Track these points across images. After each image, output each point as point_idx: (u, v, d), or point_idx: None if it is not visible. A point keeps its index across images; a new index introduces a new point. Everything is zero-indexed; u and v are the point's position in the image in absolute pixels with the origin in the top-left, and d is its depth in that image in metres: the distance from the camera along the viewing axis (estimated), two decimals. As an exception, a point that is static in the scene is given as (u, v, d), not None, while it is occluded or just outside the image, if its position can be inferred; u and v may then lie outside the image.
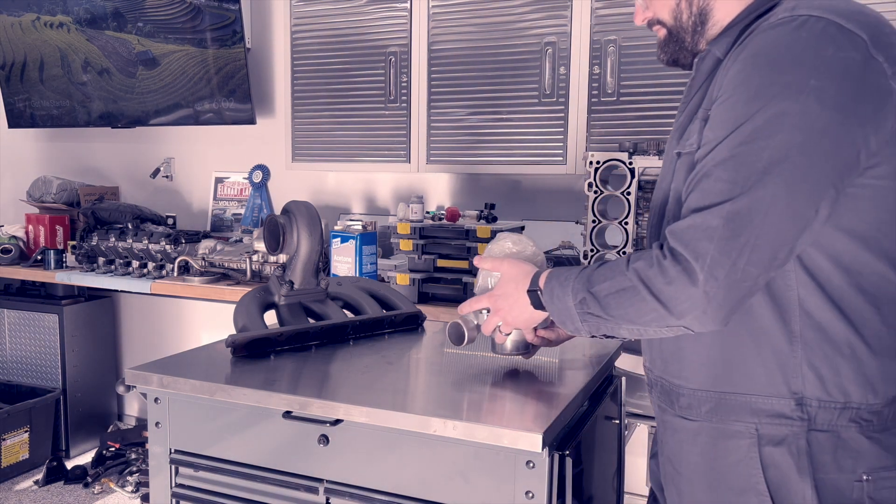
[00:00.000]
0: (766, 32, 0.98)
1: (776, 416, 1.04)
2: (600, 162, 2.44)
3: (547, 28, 2.68)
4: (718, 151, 0.98)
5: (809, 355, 1.02)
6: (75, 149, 4.10)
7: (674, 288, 0.98)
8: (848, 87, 0.93)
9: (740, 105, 0.97)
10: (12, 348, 3.70)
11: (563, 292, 1.12)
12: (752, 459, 1.06)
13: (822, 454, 1.03)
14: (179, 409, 1.43)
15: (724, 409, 1.08)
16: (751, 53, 0.98)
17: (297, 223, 1.67)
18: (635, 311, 1.03)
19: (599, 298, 1.06)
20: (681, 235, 0.99)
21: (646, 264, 1.02)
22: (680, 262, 0.98)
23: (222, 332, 1.68)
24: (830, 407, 1.02)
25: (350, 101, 3.04)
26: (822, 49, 0.93)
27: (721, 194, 0.96)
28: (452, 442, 1.20)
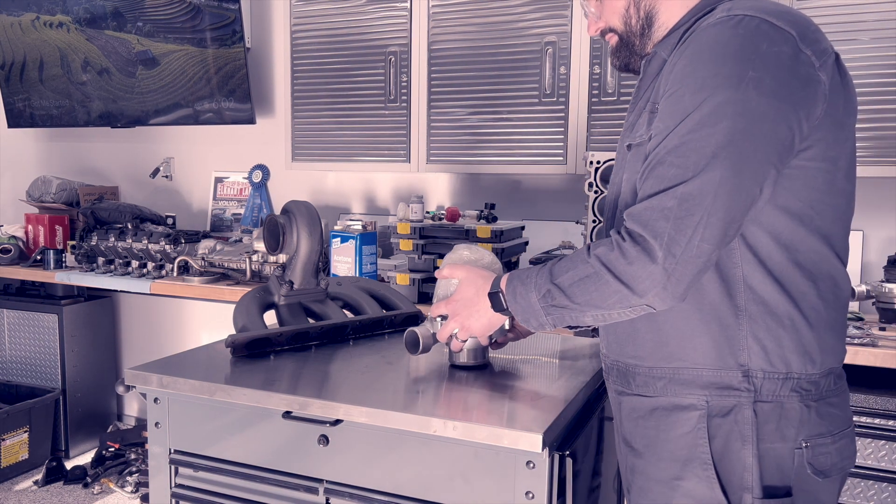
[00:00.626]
0: (707, 30, 1.06)
1: (724, 388, 1.10)
2: (600, 162, 2.44)
3: (547, 28, 2.68)
4: (669, 140, 1.05)
5: (754, 328, 1.09)
6: (75, 149, 4.10)
7: (635, 267, 1.03)
8: (781, 76, 1.02)
9: (687, 97, 1.04)
10: (12, 348, 3.70)
11: (525, 290, 1.16)
12: (700, 430, 1.11)
13: (766, 423, 1.09)
14: (179, 409, 1.43)
15: (676, 384, 1.14)
16: (695, 50, 1.06)
17: (297, 223, 1.66)
18: (599, 296, 1.08)
19: (564, 288, 1.11)
20: (638, 217, 1.05)
21: (606, 249, 1.07)
22: (639, 242, 1.03)
23: (222, 332, 1.68)
24: (774, 377, 1.09)
25: (350, 101, 3.04)
26: (758, 44, 1.02)
27: (674, 178, 1.03)
28: (452, 442, 1.20)
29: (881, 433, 2.09)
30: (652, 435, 1.17)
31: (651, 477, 1.17)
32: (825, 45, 1.07)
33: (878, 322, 2.30)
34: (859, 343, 2.11)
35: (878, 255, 2.59)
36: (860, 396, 2.10)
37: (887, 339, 2.15)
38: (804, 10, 2.35)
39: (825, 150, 1.07)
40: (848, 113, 1.10)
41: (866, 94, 2.26)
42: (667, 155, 1.04)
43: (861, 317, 2.43)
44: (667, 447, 1.14)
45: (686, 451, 1.12)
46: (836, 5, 2.31)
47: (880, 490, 2.09)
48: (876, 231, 2.60)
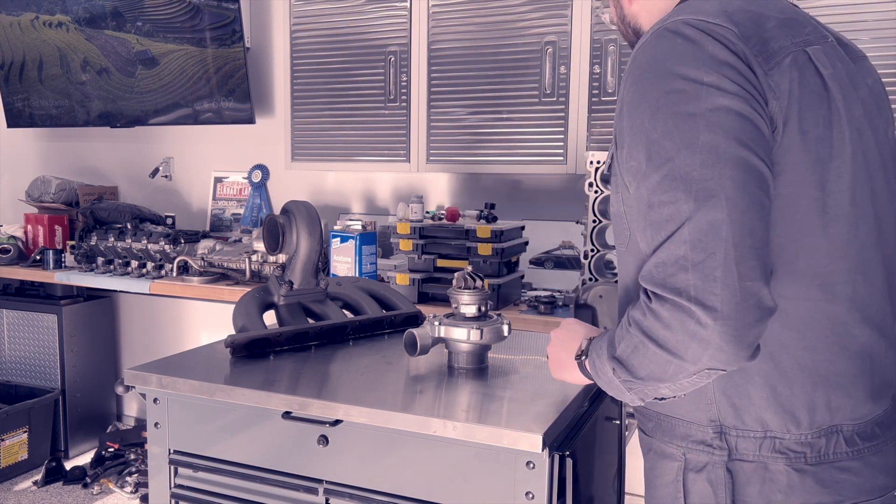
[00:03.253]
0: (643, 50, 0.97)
1: (699, 443, 1.02)
2: (600, 162, 2.44)
3: (547, 27, 2.68)
4: (649, 178, 0.92)
5: (720, 382, 0.99)
6: (74, 148, 4.09)
7: (673, 332, 0.88)
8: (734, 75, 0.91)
9: (647, 123, 0.93)
10: (11, 348, 3.70)
11: (601, 363, 1.01)
12: (678, 483, 1.04)
13: (746, 485, 0.99)
14: (179, 409, 1.43)
15: (660, 430, 1.08)
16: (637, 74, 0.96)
17: (297, 223, 1.66)
18: (657, 368, 0.93)
19: (624, 362, 0.96)
20: (652, 277, 0.91)
21: (640, 314, 0.93)
22: (666, 301, 0.89)
23: (222, 333, 1.67)
24: (750, 436, 0.98)
25: (350, 101, 3.04)
26: (703, 47, 0.92)
27: (672, 220, 0.89)
28: (452, 442, 1.19)
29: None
30: (648, 476, 1.12)
31: None
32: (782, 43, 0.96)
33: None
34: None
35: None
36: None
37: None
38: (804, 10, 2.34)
39: (804, 174, 0.93)
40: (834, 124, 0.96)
41: (866, 94, 2.26)
42: (652, 195, 0.91)
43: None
44: (656, 493, 1.09)
45: (668, 502, 1.06)
46: (837, 5, 2.31)
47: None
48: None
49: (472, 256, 2.54)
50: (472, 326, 1.42)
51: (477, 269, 2.01)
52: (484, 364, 1.47)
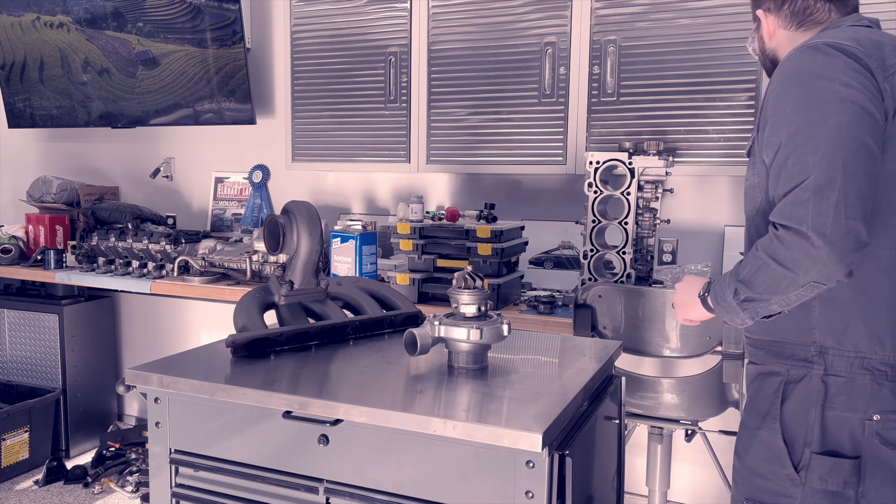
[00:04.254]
0: (784, 63, 1.33)
1: (802, 360, 1.33)
2: (600, 162, 2.44)
3: (547, 28, 2.68)
4: (785, 148, 1.25)
5: (824, 311, 1.30)
6: (75, 149, 4.10)
7: (792, 251, 1.20)
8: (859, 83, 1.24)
9: (790, 110, 1.26)
10: (12, 348, 3.71)
11: (722, 291, 1.34)
12: (778, 392, 1.35)
13: (838, 395, 1.29)
14: (179, 409, 1.43)
15: (770, 354, 1.38)
16: (785, 75, 1.31)
17: (297, 223, 1.67)
18: (773, 282, 1.24)
19: (745, 282, 1.28)
20: (780, 213, 1.23)
21: (766, 241, 1.25)
22: (789, 228, 1.20)
23: (222, 332, 1.68)
24: (844, 355, 1.29)
25: (350, 101, 3.04)
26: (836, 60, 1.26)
27: (801, 174, 1.21)
28: (452, 442, 1.20)
29: None
30: (752, 394, 1.41)
31: (744, 426, 1.43)
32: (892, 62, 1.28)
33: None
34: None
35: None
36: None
37: None
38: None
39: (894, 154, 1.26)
40: None
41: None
42: (786, 159, 1.24)
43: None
44: (756, 404, 1.39)
45: (766, 408, 1.36)
46: (836, 5, 2.31)
47: None
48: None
49: (472, 256, 2.55)
50: (472, 326, 1.42)
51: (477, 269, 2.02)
52: (484, 364, 1.48)
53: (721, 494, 2.80)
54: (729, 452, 1.70)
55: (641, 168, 2.41)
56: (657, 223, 2.48)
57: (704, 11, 2.46)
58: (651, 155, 2.41)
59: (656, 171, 2.41)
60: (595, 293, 2.22)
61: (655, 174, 2.42)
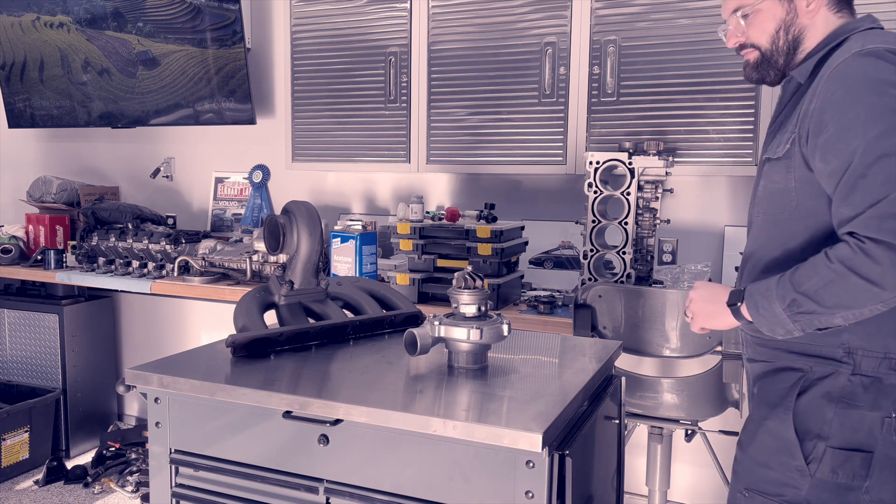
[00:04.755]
0: (854, 65, 1.25)
1: (828, 359, 1.31)
2: (600, 162, 2.44)
3: (547, 28, 2.68)
4: (864, 156, 1.20)
5: None
6: (75, 149, 4.10)
7: (883, 267, 1.16)
8: None
9: (864, 118, 1.21)
10: (12, 348, 3.71)
11: (767, 302, 1.29)
12: (794, 387, 1.34)
13: (864, 393, 1.28)
14: (179, 409, 1.43)
15: (785, 351, 1.36)
16: (850, 82, 1.25)
17: (297, 223, 1.67)
18: (850, 297, 1.20)
19: (810, 295, 1.24)
20: (866, 225, 1.19)
21: (848, 254, 1.20)
22: (881, 244, 1.17)
23: (222, 332, 1.68)
24: (873, 356, 1.28)
25: (350, 101, 3.04)
26: None
27: (887, 185, 1.18)
28: (452, 442, 1.20)
29: None
30: (762, 389, 1.40)
31: (750, 418, 1.42)
32: None
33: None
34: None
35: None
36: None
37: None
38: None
39: None
40: None
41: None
42: (867, 169, 1.20)
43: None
44: (765, 397, 1.39)
45: (777, 399, 1.36)
46: (836, 6, 2.31)
47: None
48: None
49: (472, 256, 2.55)
50: (472, 326, 1.42)
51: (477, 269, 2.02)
52: (484, 364, 1.48)
53: (720, 494, 2.80)
54: (729, 453, 1.70)
55: (641, 168, 2.41)
56: (657, 223, 2.48)
57: (704, 11, 2.46)
58: (651, 155, 2.41)
59: (656, 171, 2.41)
60: (595, 293, 2.22)
61: (655, 174, 2.42)
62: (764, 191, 1.40)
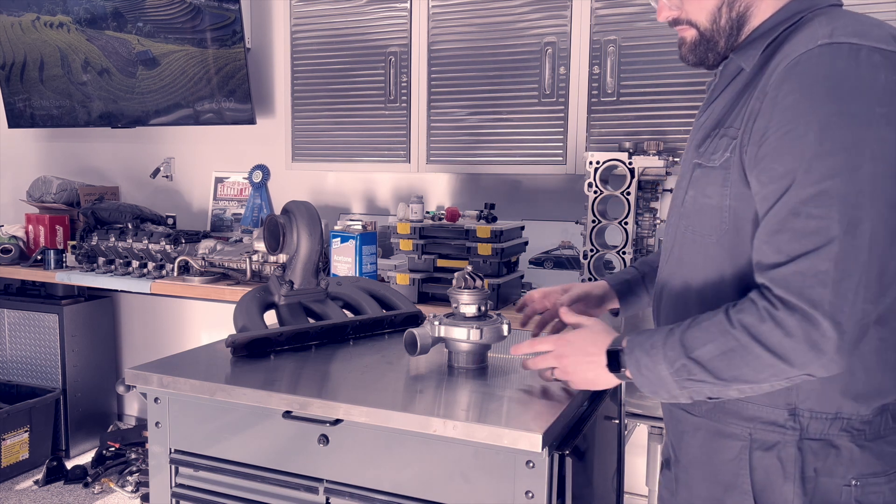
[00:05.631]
0: (815, 62, 0.97)
1: (769, 424, 1.08)
2: (600, 162, 2.44)
3: (547, 28, 2.68)
4: (800, 187, 0.96)
5: None
6: (75, 149, 4.10)
7: (794, 341, 0.96)
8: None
9: (812, 136, 0.96)
10: (12, 348, 3.70)
11: (652, 362, 1.08)
12: (742, 460, 1.10)
13: (814, 461, 1.07)
14: (179, 409, 1.43)
15: (720, 412, 1.13)
16: (806, 84, 0.97)
17: (297, 223, 1.67)
18: (750, 370, 1.00)
19: (704, 363, 1.03)
20: (788, 283, 0.96)
21: (755, 319, 0.99)
22: (796, 311, 0.95)
23: (222, 332, 1.68)
24: (822, 418, 1.06)
25: (350, 101, 3.04)
26: (877, 76, 0.96)
27: (819, 234, 0.95)
28: (452, 442, 1.20)
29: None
30: (696, 454, 1.17)
31: (695, 493, 1.17)
32: None
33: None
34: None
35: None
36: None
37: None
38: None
39: None
40: None
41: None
42: (801, 205, 0.96)
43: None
44: (711, 469, 1.14)
45: (729, 478, 1.12)
46: (836, 5, 2.31)
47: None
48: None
49: (472, 256, 2.55)
50: (472, 326, 1.42)
51: (477, 269, 2.02)
52: (484, 364, 1.48)
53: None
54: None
55: (641, 168, 2.41)
56: (657, 223, 2.48)
57: (704, 11, 2.45)
58: (651, 155, 2.40)
59: (656, 171, 2.41)
60: (595, 293, 2.22)
61: (655, 174, 2.42)
62: (694, 204, 1.13)
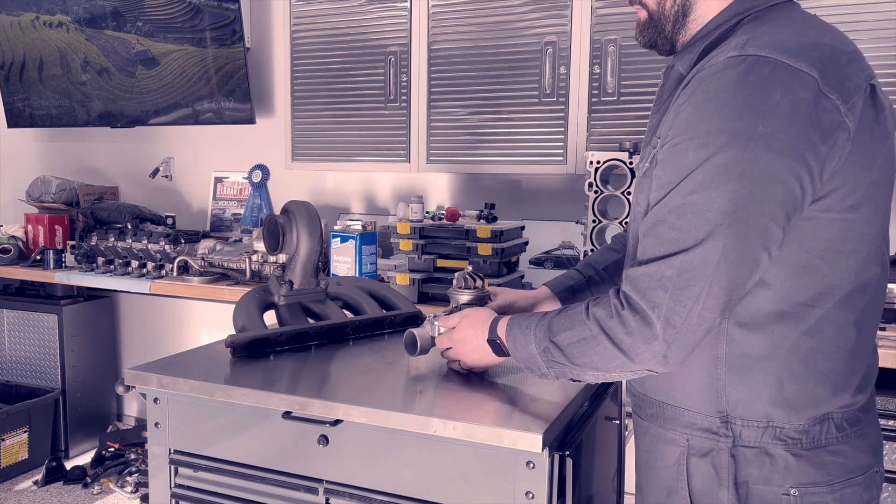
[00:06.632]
0: (717, 76, 0.98)
1: (704, 431, 1.10)
2: (600, 162, 2.44)
3: (547, 28, 2.68)
4: (672, 197, 1.00)
5: (732, 379, 1.07)
6: (75, 148, 4.10)
7: (633, 339, 1.01)
8: (797, 129, 0.94)
9: (692, 151, 0.98)
10: (11, 348, 3.70)
11: (525, 340, 1.16)
12: (680, 466, 1.13)
13: (748, 468, 1.07)
14: (179, 409, 1.43)
15: (661, 417, 1.16)
16: (702, 98, 0.98)
17: (297, 223, 1.66)
18: (599, 360, 1.07)
19: (563, 348, 1.10)
20: (636, 283, 1.02)
21: (606, 314, 1.05)
22: (637, 311, 1.01)
23: (222, 332, 1.68)
24: (754, 426, 1.07)
25: (350, 101, 3.04)
26: (771, 93, 0.94)
27: (674, 244, 0.99)
28: (452, 442, 1.20)
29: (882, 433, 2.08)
30: (644, 457, 1.21)
31: (646, 496, 1.21)
32: (856, 82, 0.98)
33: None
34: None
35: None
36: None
37: (887, 340, 2.15)
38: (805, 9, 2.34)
39: (842, 199, 1.00)
40: (878, 153, 1.02)
41: (866, 94, 2.26)
42: (668, 214, 1.00)
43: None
44: (656, 474, 1.18)
45: (670, 483, 1.14)
46: (836, 5, 2.31)
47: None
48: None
49: (472, 256, 2.55)
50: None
51: (477, 269, 2.02)
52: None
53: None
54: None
55: (641, 168, 2.41)
56: (657, 223, 2.48)
57: (705, 11, 2.45)
58: (651, 155, 2.40)
59: (656, 170, 2.41)
60: (595, 293, 2.22)
61: (655, 174, 2.42)
62: (633, 212, 1.17)
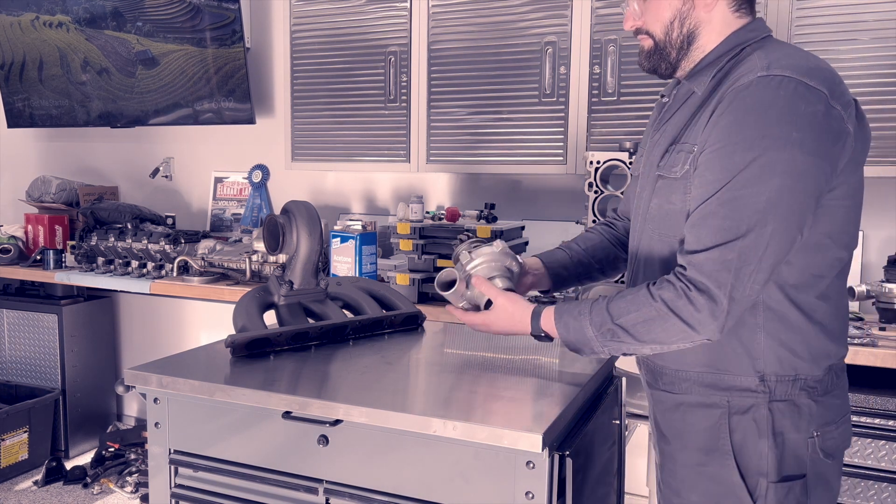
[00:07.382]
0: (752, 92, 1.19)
1: (743, 390, 1.27)
2: (600, 162, 2.44)
3: (547, 28, 2.68)
4: (722, 193, 1.19)
5: (770, 342, 1.26)
6: (74, 149, 4.10)
7: (703, 314, 1.19)
8: (818, 134, 1.17)
9: (738, 154, 1.18)
10: (11, 348, 3.70)
11: (578, 324, 1.30)
12: (722, 426, 1.28)
13: (782, 419, 1.26)
14: (179, 409, 1.43)
15: (701, 385, 1.31)
16: (741, 108, 1.19)
17: (297, 223, 1.66)
18: (665, 335, 1.23)
19: (628, 328, 1.25)
20: (701, 267, 1.19)
21: (674, 296, 1.21)
22: (703, 290, 1.19)
23: (222, 332, 1.68)
24: (786, 380, 1.26)
25: (350, 101, 3.04)
26: (797, 106, 1.16)
27: (730, 231, 1.17)
28: (452, 442, 1.20)
29: (881, 433, 2.09)
30: (678, 427, 1.33)
31: (678, 462, 1.34)
32: (849, 97, 1.22)
33: (878, 322, 2.29)
34: (859, 343, 2.11)
35: (878, 254, 2.59)
36: (860, 396, 2.10)
37: (887, 340, 2.15)
38: (804, 9, 2.35)
39: (847, 190, 1.24)
40: (863, 153, 1.27)
41: (866, 95, 2.25)
42: (720, 207, 1.18)
43: (861, 317, 2.43)
44: (692, 438, 1.31)
45: (710, 442, 1.29)
46: (836, 5, 2.31)
47: (880, 490, 2.09)
48: (876, 231, 2.60)
49: (472, 256, 2.54)
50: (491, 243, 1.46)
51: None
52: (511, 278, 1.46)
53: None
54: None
55: (641, 168, 2.41)
56: (657, 223, 2.48)
57: (705, 11, 2.45)
58: (651, 155, 2.40)
59: (656, 170, 2.41)
60: (595, 293, 2.22)
61: (656, 174, 2.42)
62: (659, 210, 1.33)
